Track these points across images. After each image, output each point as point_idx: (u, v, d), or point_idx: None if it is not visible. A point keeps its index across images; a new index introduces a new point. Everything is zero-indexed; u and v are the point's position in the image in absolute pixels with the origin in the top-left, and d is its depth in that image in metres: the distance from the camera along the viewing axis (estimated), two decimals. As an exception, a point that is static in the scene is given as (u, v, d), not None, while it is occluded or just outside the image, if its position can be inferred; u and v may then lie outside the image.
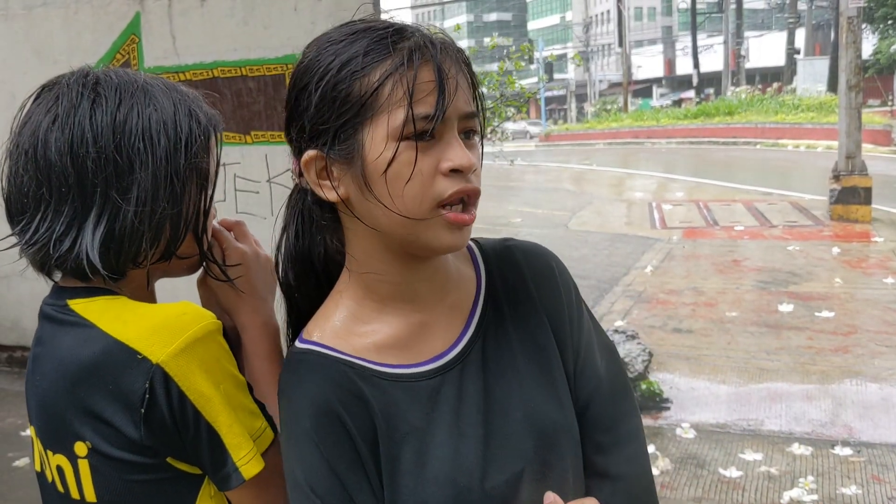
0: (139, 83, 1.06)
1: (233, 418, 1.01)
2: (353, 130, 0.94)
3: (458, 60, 0.95)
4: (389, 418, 0.98)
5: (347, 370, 0.99)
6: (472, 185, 0.94)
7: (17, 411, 4.85)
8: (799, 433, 4.24)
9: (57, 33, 5.22)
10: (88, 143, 1.00)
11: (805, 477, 3.70)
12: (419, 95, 0.91)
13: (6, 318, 5.77)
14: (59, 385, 1.03)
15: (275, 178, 4.78)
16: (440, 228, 0.95)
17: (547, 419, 1.02)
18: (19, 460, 4.14)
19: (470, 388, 1.01)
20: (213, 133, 1.10)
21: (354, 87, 0.93)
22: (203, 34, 4.81)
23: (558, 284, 1.08)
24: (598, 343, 1.10)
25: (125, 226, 1.01)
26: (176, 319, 1.00)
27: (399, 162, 0.92)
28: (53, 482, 1.08)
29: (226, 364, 1.03)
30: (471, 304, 1.06)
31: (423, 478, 0.97)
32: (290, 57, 4.64)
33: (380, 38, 0.93)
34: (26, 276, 4.50)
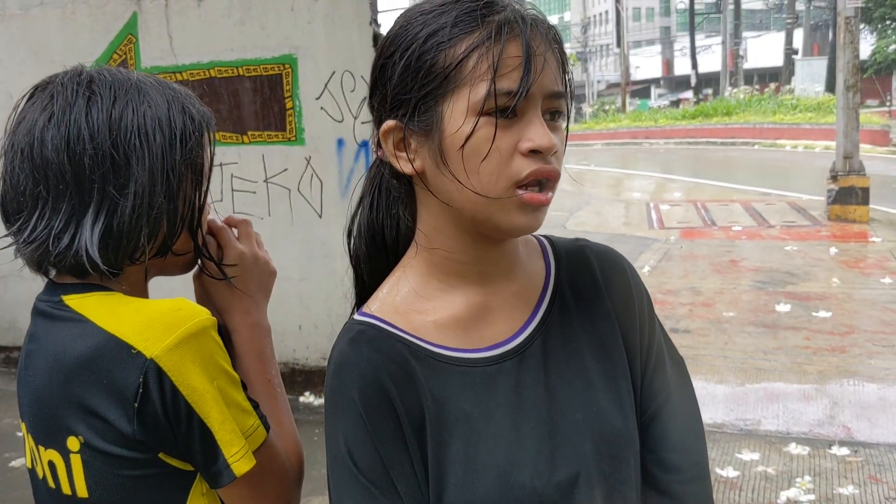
0: (132, 81, 1.07)
1: (225, 415, 1.01)
2: (433, 102, 0.92)
3: (549, 38, 0.93)
4: (440, 402, 0.96)
5: (402, 347, 0.97)
6: (552, 166, 0.92)
7: (14, 411, 4.80)
8: (796, 433, 4.23)
9: (54, 33, 5.22)
10: (85, 140, 1.01)
11: (802, 477, 3.70)
12: (504, 70, 0.88)
13: (3, 318, 5.77)
14: (52, 380, 1.03)
15: (271, 178, 4.77)
16: (514, 209, 0.92)
17: (608, 425, 0.99)
18: (16, 460, 4.13)
19: (528, 381, 0.99)
20: (206, 129, 1.11)
21: (439, 59, 0.91)
22: (200, 34, 4.81)
23: (631, 290, 1.06)
24: (670, 357, 1.08)
25: (123, 221, 1.02)
26: (171, 314, 1.01)
27: (477, 137, 0.90)
28: (45, 478, 1.08)
29: (220, 360, 1.03)
30: (537, 297, 1.04)
31: (473, 468, 0.94)
32: (287, 57, 4.64)
33: (469, 10, 0.91)
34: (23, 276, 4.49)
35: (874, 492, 3.58)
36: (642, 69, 59.13)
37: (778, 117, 26.15)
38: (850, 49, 10.28)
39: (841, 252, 8.66)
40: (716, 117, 29.55)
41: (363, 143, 4.58)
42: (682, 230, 10.51)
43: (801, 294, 7.01)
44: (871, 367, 5.17)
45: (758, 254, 8.86)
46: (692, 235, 10.15)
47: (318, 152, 4.68)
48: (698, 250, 9.17)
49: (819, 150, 20.77)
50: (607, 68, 68.56)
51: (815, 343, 5.71)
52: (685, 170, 18.71)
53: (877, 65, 35.96)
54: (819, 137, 22.11)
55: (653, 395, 1.04)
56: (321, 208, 4.73)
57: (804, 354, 5.49)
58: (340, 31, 4.51)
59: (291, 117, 4.69)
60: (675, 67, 55.85)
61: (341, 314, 5.49)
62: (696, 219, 11.39)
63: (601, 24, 71.72)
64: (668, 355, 1.08)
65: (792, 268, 8.07)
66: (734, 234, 10.08)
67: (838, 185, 10.50)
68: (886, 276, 7.44)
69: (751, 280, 7.65)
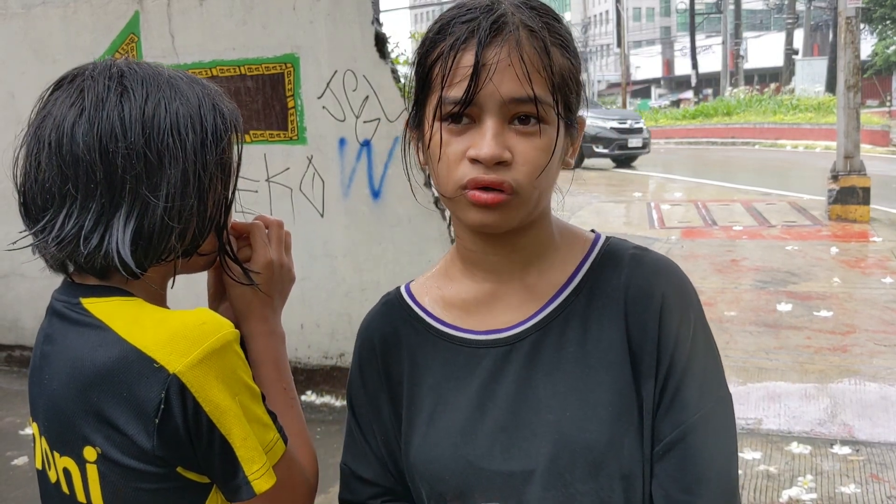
0: (164, 77, 1.04)
1: (247, 431, 0.99)
2: (421, 105, 1.01)
3: (527, 43, 0.93)
4: (419, 367, 1.08)
5: (404, 315, 1.11)
6: (493, 177, 0.92)
7: (16, 410, 4.84)
8: (798, 432, 4.23)
9: (56, 32, 5.22)
10: (118, 137, 0.97)
11: (804, 476, 3.70)
12: (454, 79, 0.93)
13: (4, 317, 5.76)
14: (70, 387, 1.00)
15: (273, 177, 4.77)
16: (466, 206, 0.96)
17: (581, 434, 0.96)
18: (18, 459, 4.13)
19: (509, 371, 1.02)
20: (235, 128, 1.09)
21: (423, 64, 0.98)
22: (202, 33, 4.81)
23: (657, 311, 0.99)
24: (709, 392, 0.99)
25: (154, 222, 0.99)
26: (195, 329, 0.97)
27: (434, 142, 0.97)
28: (58, 483, 1.06)
29: (242, 375, 1.00)
30: (551, 295, 1.04)
31: (431, 433, 1.03)
32: (289, 56, 4.64)
33: (453, 17, 0.96)
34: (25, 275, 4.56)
35: (876, 491, 3.58)
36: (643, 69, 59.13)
37: (778, 117, 26.16)
38: (851, 49, 10.28)
39: (842, 252, 8.65)
40: (716, 117, 29.57)
41: (365, 143, 4.58)
42: (682, 230, 10.51)
43: (803, 294, 7.01)
44: (872, 367, 5.17)
45: (759, 253, 8.86)
46: (693, 235, 10.14)
47: (320, 152, 4.68)
48: (699, 250, 9.16)
49: (819, 150, 20.76)
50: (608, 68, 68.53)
51: (817, 342, 5.71)
52: (686, 170, 18.70)
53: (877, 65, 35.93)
54: (819, 137, 22.11)
55: (670, 426, 0.97)
56: (323, 208, 4.73)
57: (805, 354, 5.49)
58: (342, 30, 4.50)
59: (293, 116, 4.69)
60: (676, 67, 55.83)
61: (342, 313, 5.53)
62: (697, 218, 11.38)
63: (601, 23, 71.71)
64: (703, 385, 0.99)
65: (793, 267, 8.06)
66: (735, 233, 10.07)
67: (839, 185, 10.50)
68: (887, 275, 7.44)
69: (752, 280, 7.65)
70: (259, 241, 1.17)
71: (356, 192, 4.65)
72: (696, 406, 0.97)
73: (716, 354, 1.02)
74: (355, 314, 4.61)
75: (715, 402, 0.99)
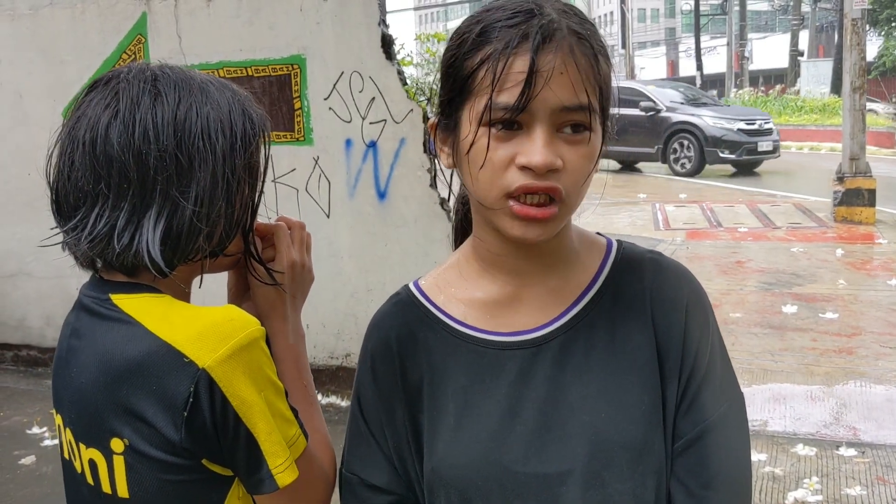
0: (196, 81, 1.07)
1: (272, 426, 1.02)
2: (455, 108, 0.98)
3: (576, 50, 0.92)
4: (441, 371, 1.04)
5: (420, 315, 1.08)
6: (546, 183, 0.92)
7: (23, 409, 4.86)
8: (803, 434, 4.23)
9: (63, 33, 5.24)
10: (151, 139, 1.00)
11: (809, 477, 3.70)
12: (506, 85, 0.91)
13: (11, 317, 5.78)
14: (99, 380, 1.03)
15: (279, 177, 4.78)
16: (507, 218, 0.95)
17: (613, 435, 0.98)
18: (25, 458, 4.14)
19: (537, 372, 1.01)
20: (263, 132, 1.11)
21: (461, 68, 0.96)
22: (209, 34, 4.82)
23: (681, 313, 1.03)
24: (724, 391, 1.03)
25: (183, 223, 1.02)
26: (224, 325, 1.00)
27: (477, 147, 0.94)
28: (83, 474, 1.09)
29: (268, 371, 1.03)
30: (575, 296, 1.04)
31: (460, 438, 1.00)
32: (296, 57, 4.65)
33: (496, 20, 0.94)
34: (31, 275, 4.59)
35: (881, 493, 3.58)
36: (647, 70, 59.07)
37: (783, 119, 26.08)
38: (857, 51, 10.26)
39: (847, 254, 8.63)
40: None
41: (371, 144, 4.59)
42: (687, 231, 10.49)
43: (808, 295, 7.00)
44: (878, 369, 5.16)
45: (763, 255, 8.85)
46: (698, 237, 10.13)
47: (326, 152, 4.69)
48: (704, 251, 9.15)
49: (825, 152, 20.71)
50: (612, 69, 68.36)
51: (822, 344, 5.70)
52: (690, 171, 18.67)
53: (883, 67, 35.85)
54: (825, 139, 22.05)
55: (690, 424, 1.00)
56: (329, 208, 4.74)
57: (811, 356, 5.48)
58: (349, 31, 4.51)
59: (300, 117, 4.70)
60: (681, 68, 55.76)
61: (348, 313, 5.56)
62: (702, 220, 11.37)
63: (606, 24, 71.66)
64: (720, 387, 1.03)
65: (798, 269, 8.05)
66: (740, 235, 10.06)
67: (844, 187, 10.47)
68: (893, 277, 7.42)
69: (757, 281, 7.64)
70: (283, 243, 1.19)
71: (362, 192, 4.66)
72: (714, 406, 1.02)
73: (728, 356, 1.07)
74: (361, 315, 4.62)
75: (731, 402, 1.04)
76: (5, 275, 5.70)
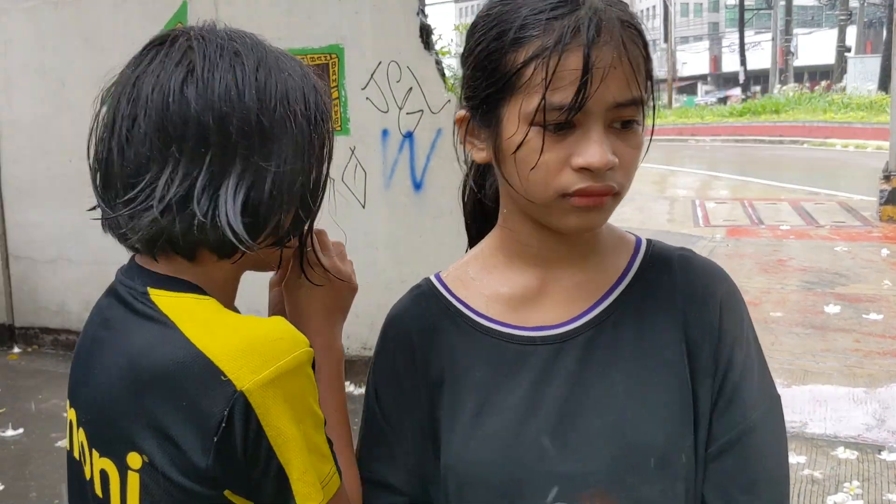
0: (267, 46, 0.98)
1: (307, 463, 0.91)
2: (495, 104, 0.92)
3: (627, 42, 0.88)
4: (461, 365, 1.00)
5: (441, 308, 1.04)
6: (603, 184, 0.89)
7: (61, 393, 4.91)
8: (844, 437, 4.14)
9: (105, 21, 5.30)
10: (234, 101, 0.91)
11: (850, 482, 3.62)
12: (559, 84, 0.86)
13: (52, 301, 5.88)
14: (123, 384, 0.91)
15: (316, 167, 4.79)
16: (565, 213, 0.92)
17: (640, 437, 0.94)
18: (62, 441, 4.21)
19: (560, 369, 0.97)
20: (331, 107, 1.03)
21: (502, 62, 0.90)
22: (248, 23, 4.75)
23: (715, 313, 0.99)
24: (761, 392, 1.00)
25: (262, 195, 0.91)
26: (271, 344, 0.88)
27: (527, 147, 0.89)
28: (91, 481, 0.98)
29: (310, 400, 0.92)
30: (603, 292, 1.01)
31: (479, 433, 0.97)
32: (334, 47, 4.64)
33: (539, 11, 0.88)
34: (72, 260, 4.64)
35: (926, 499, 3.48)
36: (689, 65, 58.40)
37: (828, 116, 25.63)
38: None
39: (893, 254, 8.44)
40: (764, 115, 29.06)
41: (407, 135, 4.57)
42: (728, 228, 10.35)
43: (851, 295, 6.85)
44: (923, 372, 5.03)
45: (806, 254, 8.69)
46: (738, 234, 9.99)
47: (363, 143, 4.68)
48: (745, 249, 9.02)
49: (871, 150, 20.28)
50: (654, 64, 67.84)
51: (866, 346, 5.58)
52: (732, 167, 18.44)
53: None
54: (871, 137, 21.59)
55: (727, 427, 0.96)
56: (364, 199, 4.73)
57: (854, 357, 5.36)
58: (387, 21, 4.49)
59: (337, 107, 4.70)
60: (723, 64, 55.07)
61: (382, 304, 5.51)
62: (743, 217, 11.21)
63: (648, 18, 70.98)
64: (759, 388, 0.99)
65: (841, 269, 7.89)
66: (782, 233, 9.90)
67: (891, 186, 10.26)
68: (940, 279, 7.25)
69: (799, 280, 7.50)
70: (326, 246, 1.10)
71: (398, 183, 4.64)
72: (752, 406, 0.97)
73: (763, 356, 1.03)
74: (395, 306, 4.56)
75: (769, 403, 1.00)
76: (46, 260, 5.79)
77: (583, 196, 0.89)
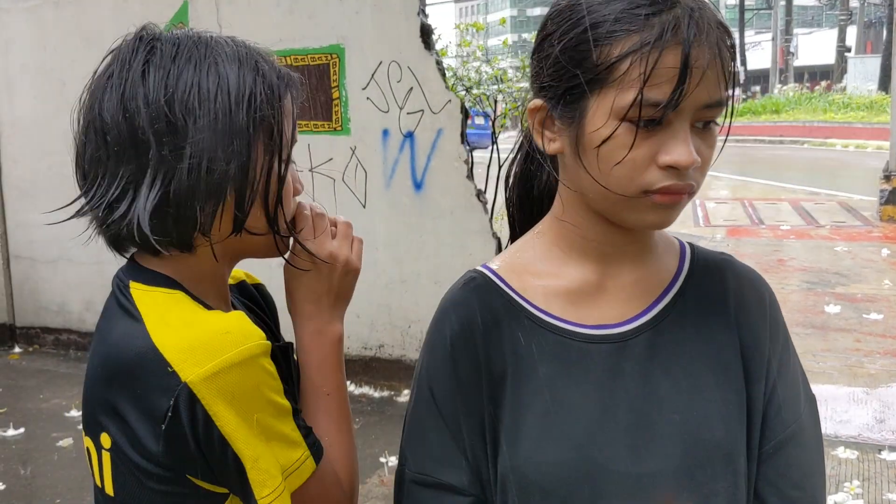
0: (204, 39, 0.99)
1: (260, 452, 0.94)
2: (580, 95, 0.90)
3: (718, 41, 0.88)
4: (526, 362, 0.98)
5: (502, 302, 1.00)
6: (686, 182, 0.89)
7: (63, 393, 4.94)
8: (845, 437, 4.14)
9: (106, 21, 5.29)
10: (139, 97, 0.94)
11: (850, 481, 3.62)
12: (655, 81, 0.85)
13: (52, 301, 5.88)
14: (98, 372, 0.99)
15: (317, 167, 4.79)
16: (644, 208, 0.91)
17: (707, 434, 0.96)
18: (63, 441, 4.21)
19: (627, 368, 0.97)
20: (283, 91, 1.00)
21: (594, 54, 0.88)
22: (249, 23, 4.83)
23: (766, 317, 1.03)
24: (804, 392, 1.04)
25: (181, 187, 0.94)
26: (217, 338, 0.92)
27: (615, 142, 0.88)
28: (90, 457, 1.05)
29: (265, 391, 0.94)
30: (659, 292, 1.01)
31: (548, 434, 0.95)
32: (335, 47, 4.64)
33: (637, 6, 0.87)
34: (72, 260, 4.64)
35: (926, 499, 3.48)
36: (689, 65, 58.41)
37: (829, 116, 25.62)
38: (908, 46, 10.01)
39: (893, 254, 8.44)
40: (764, 115, 29.05)
41: (408, 134, 4.57)
42: (728, 228, 10.35)
43: (852, 295, 6.86)
44: (923, 372, 5.03)
45: (806, 254, 8.69)
46: (739, 234, 9.98)
47: (363, 143, 4.68)
48: (745, 249, 9.01)
49: (871, 150, 20.29)
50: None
51: (866, 346, 5.58)
52: (731, 167, 18.42)
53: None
54: (871, 137, 21.60)
55: (781, 426, 1.00)
56: (365, 198, 4.73)
57: (854, 357, 5.36)
58: (388, 21, 4.50)
59: (338, 107, 4.70)
60: (724, 64, 55.03)
61: (382, 304, 5.54)
62: (743, 217, 11.21)
63: (648, 19, 70.88)
64: (801, 387, 1.04)
65: (842, 269, 7.89)
66: (782, 233, 9.90)
67: (891, 186, 10.25)
68: (941, 279, 7.25)
69: (799, 280, 7.50)
70: (320, 228, 1.09)
71: (398, 183, 4.65)
72: (800, 406, 1.02)
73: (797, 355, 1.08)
74: (395, 306, 4.60)
75: (809, 402, 1.04)
76: (47, 260, 5.80)
77: (665, 194, 0.89)
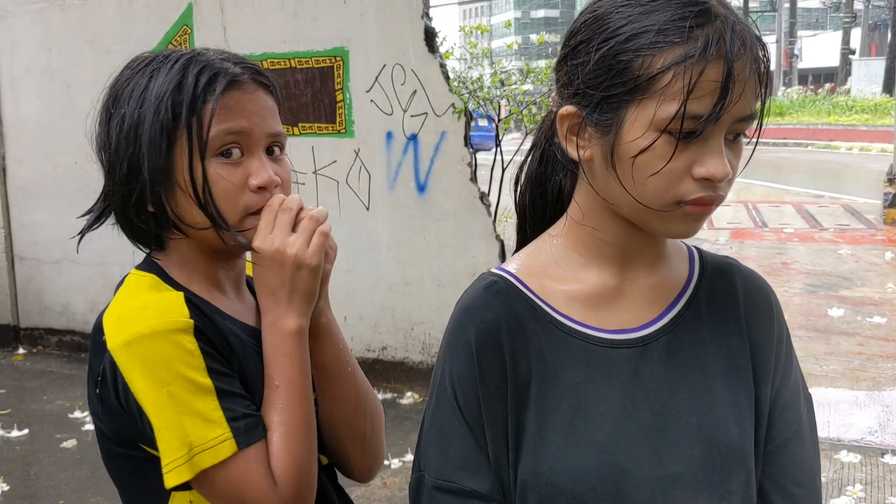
0: (166, 53, 1.10)
1: (166, 421, 0.98)
2: (617, 104, 0.90)
3: (756, 55, 0.88)
4: (551, 367, 0.97)
5: (526, 306, 0.99)
6: (719, 194, 0.90)
7: (67, 394, 4.94)
8: (847, 440, 4.14)
9: (111, 23, 5.31)
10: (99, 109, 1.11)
11: (853, 485, 3.61)
12: (698, 94, 0.85)
13: (56, 302, 5.89)
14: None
15: (320, 169, 4.80)
16: (674, 219, 0.92)
17: (723, 436, 0.98)
18: (67, 442, 4.21)
19: (647, 373, 0.98)
20: (204, 98, 1.05)
21: (635, 64, 0.87)
22: (253, 26, 4.85)
23: (773, 320, 1.06)
24: (803, 392, 1.08)
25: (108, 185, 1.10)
26: (135, 311, 1.03)
27: (652, 153, 0.88)
28: None
29: (179, 366, 0.99)
30: (674, 296, 1.03)
31: (575, 440, 0.95)
32: (339, 50, 4.65)
33: (679, 18, 0.86)
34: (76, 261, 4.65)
35: (929, 503, 3.48)
36: (693, 67, 58.36)
37: (833, 118, 25.59)
38: (912, 49, 9.99)
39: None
40: (768, 117, 28.88)
41: (412, 137, 4.58)
42: (731, 231, 10.34)
43: (855, 299, 6.85)
44: (927, 376, 5.02)
45: (810, 257, 8.68)
46: (742, 237, 9.97)
47: (367, 145, 4.69)
48: (748, 252, 9.00)
49: (875, 153, 20.25)
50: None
51: (869, 349, 5.57)
52: (735, 170, 18.41)
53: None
54: (875, 140, 21.56)
55: (784, 425, 1.03)
56: (369, 201, 4.74)
57: (857, 360, 5.36)
58: (392, 24, 4.51)
59: (341, 110, 4.71)
60: (728, 66, 54.96)
61: (385, 306, 5.53)
62: (747, 220, 11.20)
63: (652, 21, 70.77)
64: (801, 386, 1.08)
65: (845, 272, 7.88)
66: (785, 236, 9.89)
67: (895, 189, 10.24)
68: (944, 282, 7.24)
69: (802, 283, 7.49)
70: (263, 220, 1.08)
71: (402, 185, 4.65)
72: (802, 406, 1.06)
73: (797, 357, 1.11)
74: (398, 308, 4.60)
75: (808, 401, 1.08)
76: (51, 261, 5.81)
77: (697, 205, 0.90)
